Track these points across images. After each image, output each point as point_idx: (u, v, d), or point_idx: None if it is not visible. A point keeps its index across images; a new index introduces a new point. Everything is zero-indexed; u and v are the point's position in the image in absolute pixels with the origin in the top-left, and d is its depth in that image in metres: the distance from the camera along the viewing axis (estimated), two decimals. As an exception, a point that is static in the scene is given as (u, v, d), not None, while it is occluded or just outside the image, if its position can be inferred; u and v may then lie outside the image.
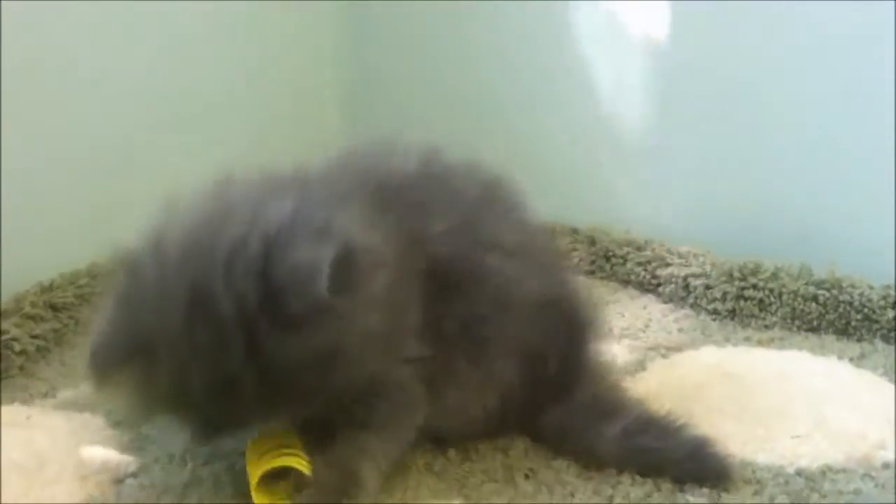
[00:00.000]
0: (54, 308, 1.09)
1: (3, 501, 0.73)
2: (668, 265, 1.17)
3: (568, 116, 1.35)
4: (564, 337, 0.82)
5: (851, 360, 0.98)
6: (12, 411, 0.90)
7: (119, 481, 0.78)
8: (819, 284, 1.07)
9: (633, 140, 1.30)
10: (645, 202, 1.30)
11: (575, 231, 1.28)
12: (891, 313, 1.03)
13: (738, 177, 1.23)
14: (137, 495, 0.76)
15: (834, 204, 1.16)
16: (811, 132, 1.16)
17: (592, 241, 1.26)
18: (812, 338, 1.05)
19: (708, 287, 1.12)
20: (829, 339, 1.04)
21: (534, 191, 0.86)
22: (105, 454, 0.81)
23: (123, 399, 0.73)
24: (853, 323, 1.05)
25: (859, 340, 1.04)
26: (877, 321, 1.04)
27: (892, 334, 1.03)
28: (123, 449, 0.83)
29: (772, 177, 1.20)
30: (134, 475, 0.79)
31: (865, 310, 1.04)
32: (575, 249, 1.27)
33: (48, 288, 1.10)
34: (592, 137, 1.34)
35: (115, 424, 0.88)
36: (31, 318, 1.05)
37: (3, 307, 1.04)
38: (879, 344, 1.02)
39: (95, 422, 0.88)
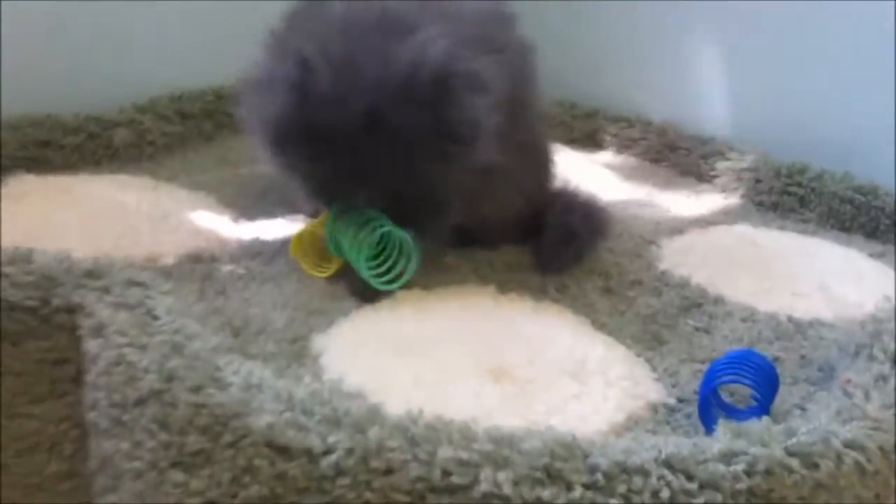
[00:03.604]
0: (182, 115, 1.25)
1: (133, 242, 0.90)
2: (726, 159, 1.28)
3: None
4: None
5: (871, 255, 1.09)
6: (143, 181, 1.08)
7: (224, 240, 0.95)
8: (857, 189, 1.17)
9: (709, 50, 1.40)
10: (720, 105, 1.40)
11: (648, 123, 1.40)
12: (916, 223, 1.13)
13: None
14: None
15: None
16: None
17: (663, 132, 1.37)
18: (842, 236, 1.15)
19: (757, 181, 1.24)
20: (858, 238, 1.15)
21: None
22: (216, 218, 0.98)
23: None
24: (881, 227, 1.15)
25: (885, 243, 1.13)
26: (902, 228, 1.14)
27: (914, 242, 1.12)
28: (231, 219, 1.00)
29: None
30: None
31: (893, 218, 1.14)
32: (645, 139, 1.39)
33: (177, 98, 1.26)
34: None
35: (225, 204, 1.04)
36: (163, 118, 1.22)
37: (140, 105, 1.21)
38: (901, 248, 1.12)
39: (209, 199, 1.05)
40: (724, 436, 0.60)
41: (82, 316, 0.70)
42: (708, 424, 0.70)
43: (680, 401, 0.75)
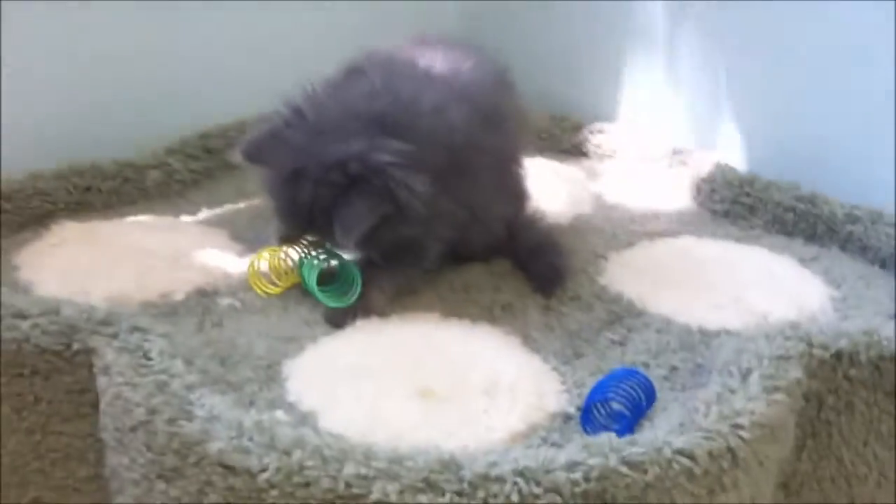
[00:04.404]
0: (207, 150, 1.45)
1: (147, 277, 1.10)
2: (688, 168, 1.43)
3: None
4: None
5: (803, 260, 1.23)
6: (165, 222, 1.28)
7: (228, 274, 1.14)
8: (799, 198, 1.30)
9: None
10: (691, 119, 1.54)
11: (629, 133, 1.55)
12: (849, 228, 1.25)
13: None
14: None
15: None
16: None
17: (642, 143, 1.53)
18: (784, 240, 1.29)
19: (713, 190, 1.38)
20: (798, 242, 1.28)
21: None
22: (223, 255, 1.17)
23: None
24: (818, 232, 1.28)
25: (822, 247, 1.27)
26: (837, 233, 1.27)
27: (848, 245, 1.25)
28: (237, 254, 1.19)
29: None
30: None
31: (830, 222, 1.27)
32: (626, 149, 1.54)
33: (204, 135, 1.45)
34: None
35: (235, 238, 1.24)
36: (190, 156, 1.41)
37: (170, 146, 1.41)
38: (835, 251, 1.25)
39: (221, 234, 1.24)
40: (574, 448, 0.77)
41: (96, 357, 0.90)
42: (588, 432, 0.86)
43: (579, 409, 0.91)
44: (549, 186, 1.37)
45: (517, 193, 1.23)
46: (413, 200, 1.00)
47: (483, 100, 1.13)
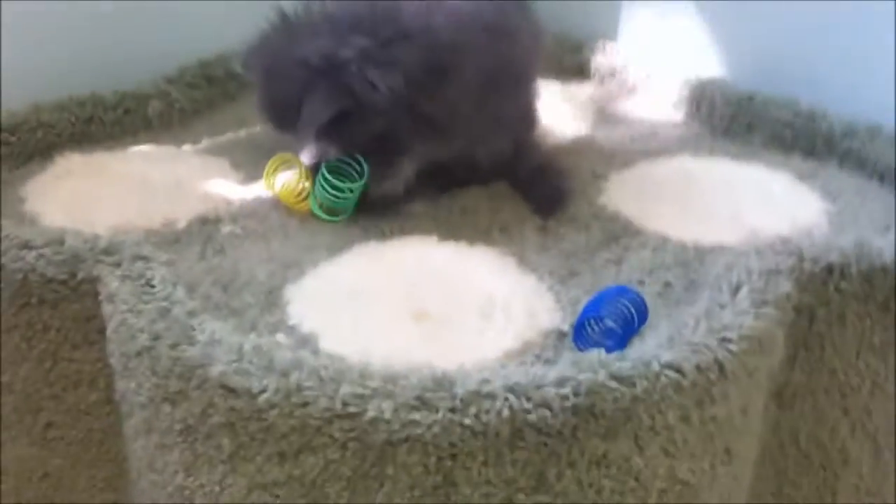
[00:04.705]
0: (208, 80, 1.45)
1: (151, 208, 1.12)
2: (690, 88, 1.43)
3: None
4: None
5: (800, 176, 1.23)
6: (167, 151, 1.29)
7: (229, 201, 1.15)
8: (797, 114, 1.30)
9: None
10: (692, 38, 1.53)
11: (627, 56, 1.55)
12: (847, 143, 1.26)
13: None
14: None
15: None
16: None
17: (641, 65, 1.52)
18: (782, 156, 1.29)
19: (712, 108, 1.38)
20: (797, 159, 1.28)
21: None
22: (222, 184, 1.19)
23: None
24: (817, 147, 1.28)
25: (819, 162, 1.27)
26: (835, 148, 1.27)
27: (846, 160, 1.26)
28: (238, 182, 1.20)
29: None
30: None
31: (827, 138, 1.27)
32: (625, 71, 1.54)
33: (205, 64, 1.46)
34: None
35: (235, 166, 1.25)
36: (191, 85, 1.42)
37: (169, 75, 1.41)
38: (833, 166, 1.26)
39: (222, 163, 1.25)
40: (564, 364, 0.79)
41: (101, 286, 0.93)
42: (580, 349, 0.88)
43: (572, 326, 0.93)
44: (550, 105, 1.37)
45: (526, 113, 1.23)
46: (375, 95, 1.01)
47: (485, 10, 1.12)
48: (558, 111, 1.40)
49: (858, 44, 1.33)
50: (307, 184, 1.12)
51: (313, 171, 1.11)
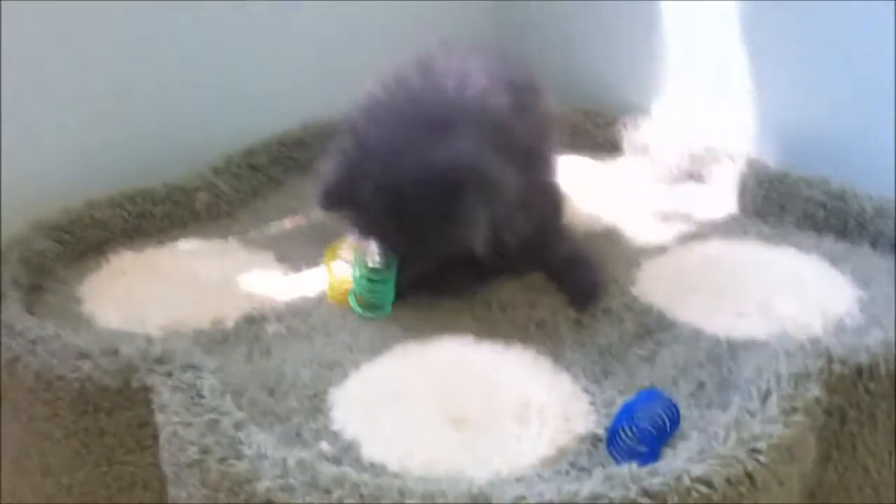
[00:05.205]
0: (252, 167, 1.50)
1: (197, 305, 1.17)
2: (717, 164, 1.45)
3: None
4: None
5: (833, 259, 1.25)
6: (215, 246, 1.34)
7: (274, 299, 1.20)
8: (829, 193, 1.32)
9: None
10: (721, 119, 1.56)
11: (663, 131, 1.58)
12: (879, 223, 1.27)
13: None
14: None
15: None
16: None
17: (677, 141, 1.55)
18: (814, 237, 1.31)
19: (744, 187, 1.40)
20: (829, 239, 1.30)
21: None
22: (267, 279, 1.23)
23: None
24: (849, 228, 1.30)
25: (852, 244, 1.29)
26: (867, 229, 1.29)
27: (878, 241, 1.27)
28: (282, 274, 1.25)
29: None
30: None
31: (859, 218, 1.29)
32: (659, 145, 1.57)
33: (249, 153, 1.51)
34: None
35: (280, 259, 1.30)
36: (236, 176, 1.47)
37: (216, 165, 1.47)
38: (865, 248, 1.27)
39: (267, 257, 1.30)
40: (596, 480, 0.82)
41: (153, 394, 0.97)
42: (615, 458, 0.91)
43: (606, 430, 0.96)
44: (583, 187, 1.40)
45: (545, 193, 1.26)
46: (509, 182, 1.07)
47: (508, 99, 1.17)
48: (590, 191, 1.43)
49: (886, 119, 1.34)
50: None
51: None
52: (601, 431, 0.96)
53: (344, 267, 1.20)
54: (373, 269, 1.14)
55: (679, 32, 1.59)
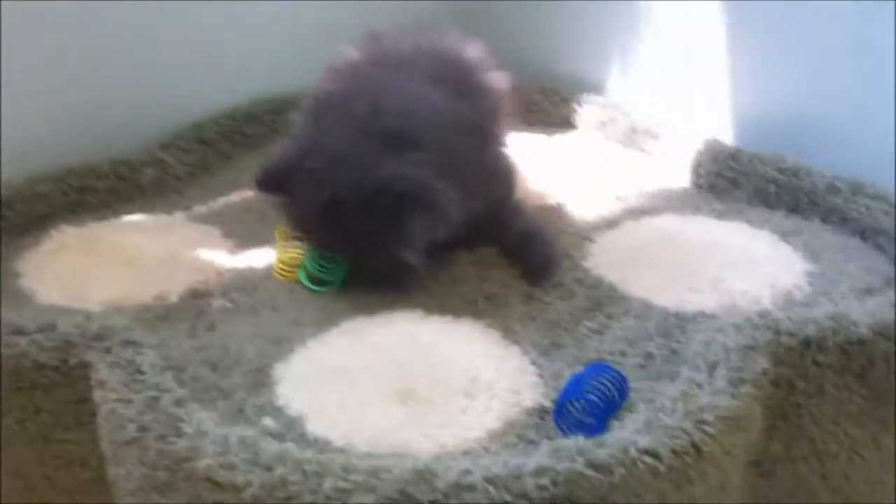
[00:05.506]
0: (202, 142, 1.48)
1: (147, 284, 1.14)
2: (672, 141, 1.45)
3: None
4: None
5: (784, 234, 1.25)
6: (160, 221, 1.31)
7: (220, 273, 1.18)
8: (781, 170, 1.32)
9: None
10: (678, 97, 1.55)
11: (617, 106, 1.57)
12: (830, 199, 1.27)
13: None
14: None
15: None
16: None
17: (628, 116, 1.54)
18: (766, 213, 1.31)
19: (698, 164, 1.39)
20: (780, 215, 1.30)
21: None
22: (213, 255, 1.21)
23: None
24: (801, 203, 1.30)
25: (803, 219, 1.29)
26: (819, 205, 1.28)
27: (829, 217, 1.27)
28: (228, 251, 1.22)
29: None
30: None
31: (811, 195, 1.29)
32: (614, 121, 1.56)
33: (198, 126, 1.48)
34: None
35: (227, 234, 1.27)
36: (184, 150, 1.45)
37: (163, 141, 1.44)
38: (816, 223, 1.27)
39: (213, 232, 1.28)
40: (542, 453, 0.81)
41: (92, 371, 0.95)
42: (563, 431, 0.90)
43: (554, 402, 0.95)
44: (536, 163, 1.39)
45: (498, 173, 1.25)
46: (452, 206, 1.06)
47: (457, 81, 1.17)
48: (545, 167, 1.42)
49: (847, 99, 1.35)
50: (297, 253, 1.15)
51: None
52: (549, 404, 0.94)
53: (297, 243, 1.17)
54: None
55: (637, 10, 1.58)
